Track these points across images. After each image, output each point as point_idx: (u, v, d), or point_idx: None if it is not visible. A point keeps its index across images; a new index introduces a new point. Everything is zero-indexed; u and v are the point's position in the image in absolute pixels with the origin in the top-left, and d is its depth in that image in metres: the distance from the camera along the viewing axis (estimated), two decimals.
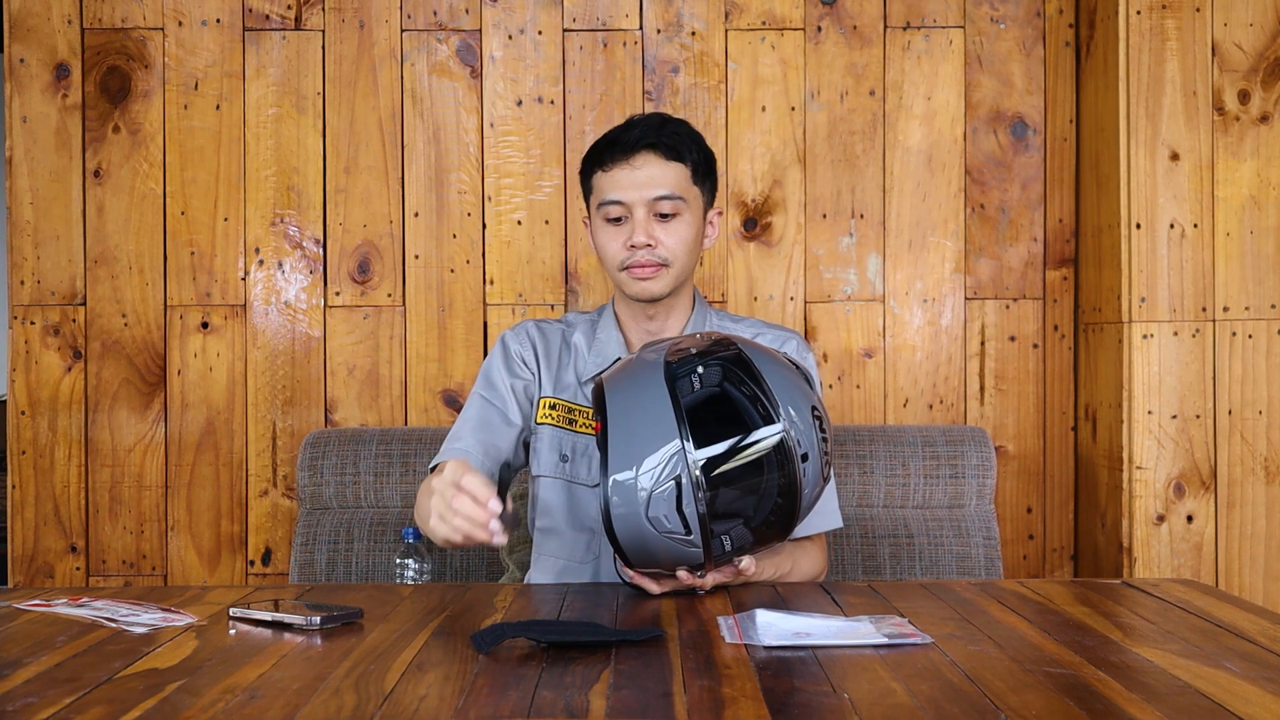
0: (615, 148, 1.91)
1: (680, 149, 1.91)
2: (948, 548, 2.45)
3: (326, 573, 2.44)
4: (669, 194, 1.89)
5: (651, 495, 1.52)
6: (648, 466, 1.53)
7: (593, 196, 1.96)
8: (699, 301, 2.02)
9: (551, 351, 2.00)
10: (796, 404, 1.58)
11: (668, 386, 1.57)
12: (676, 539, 1.54)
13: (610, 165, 1.91)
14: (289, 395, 2.73)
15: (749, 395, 1.57)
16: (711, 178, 1.98)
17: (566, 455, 1.93)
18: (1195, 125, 2.49)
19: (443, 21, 2.74)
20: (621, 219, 1.91)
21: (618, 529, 1.55)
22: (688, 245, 1.92)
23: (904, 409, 2.74)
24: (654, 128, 1.91)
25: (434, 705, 1.15)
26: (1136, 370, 2.48)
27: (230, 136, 2.74)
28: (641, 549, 1.56)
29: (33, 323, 2.72)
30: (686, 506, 1.53)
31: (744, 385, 1.57)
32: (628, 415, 1.57)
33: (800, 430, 1.56)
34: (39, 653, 1.36)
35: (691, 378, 1.58)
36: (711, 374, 1.58)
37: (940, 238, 2.74)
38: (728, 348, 1.62)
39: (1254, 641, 1.39)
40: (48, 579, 2.71)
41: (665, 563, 1.59)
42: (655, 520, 1.53)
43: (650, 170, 1.89)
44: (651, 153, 1.90)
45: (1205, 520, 2.48)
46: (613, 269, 1.93)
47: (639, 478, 1.53)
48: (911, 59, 2.75)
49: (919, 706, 1.14)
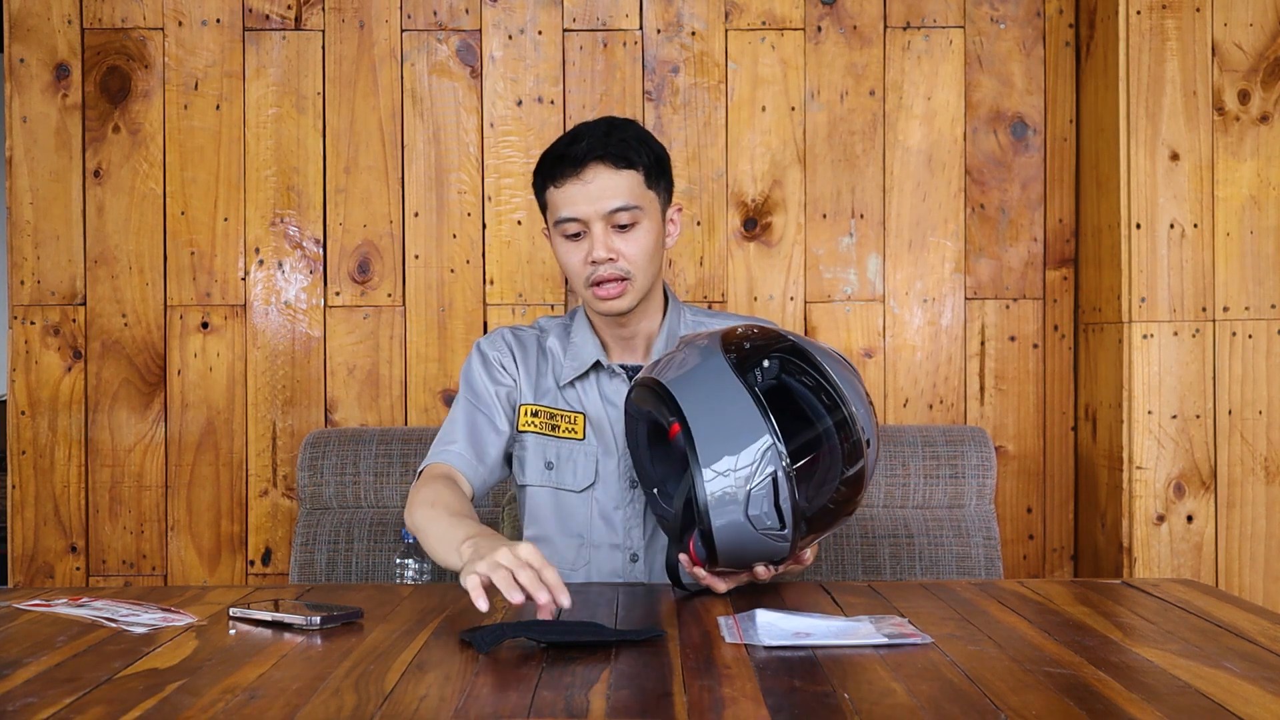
0: (564, 163, 1.85)
1: (630, 155, 1.85)
2: (948, 548, 2.45)
3: (326, 573, 2.44)
4: (624, 204, 1.84)
5: (751, 493, 1.53)
6: (743, 464, 1.53)
7: (549, 212, 1.92)
8: (671, 299, 2.00)
9: (529, 358, 1.99)
10: (855, 390, 1.60)
11: (742, 382, 1.57)
12: (771, 535, 1.55)
13: (561, 181, 1.86)
14: (289, 395, 2.73)
15: (811, 385, 1.58)
16: (666, 177, 1.93)
17: (551, 462, 1.93)
18: (1195, 125, 2.49)
19: (443, 21, 2.74)
20: (580, 234, 1.87)
21: (716, 526, 1.54)
22: (648, 253, 1.88)
23: (904, 409, 2.74)
24: (600, 137, 1.86)
25: (434, 705, 1.15)
26: (1136, 370, 2.48)
27: (230, 136, 2.74)
28: (737, 547, 1.56)
29: (33, 323, 2.72)
30: (783, 501, 1.53)
31: (805, 375, 1.59)
32: (710, 414, 1.56)
33: (863, 416, 1.58)
34: (39, 653, 1.36)
35: (757, 371, 1.58)
36: (773, 366, 1.60)
37: (940, 238, 2.74)
38: (781, 339, 1.64)
39: (1254, 641, 1.39)
40: (48, 579, 2.71)
41: (752, 559, 1.59)
42: (755, 519, 1.54)
43: (602, 182, 1.84)
44: (601, 164, 1.84)
45: (1205, 520, 2.48)
46: (578, 285, 1.90)
47: (735, 475, 1.53)
48: (911, 59, 2.75)
49: (919, 706, 1.14)
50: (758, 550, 1.57)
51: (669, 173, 1.94)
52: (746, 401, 1.56)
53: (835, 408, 1.57)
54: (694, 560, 1.61)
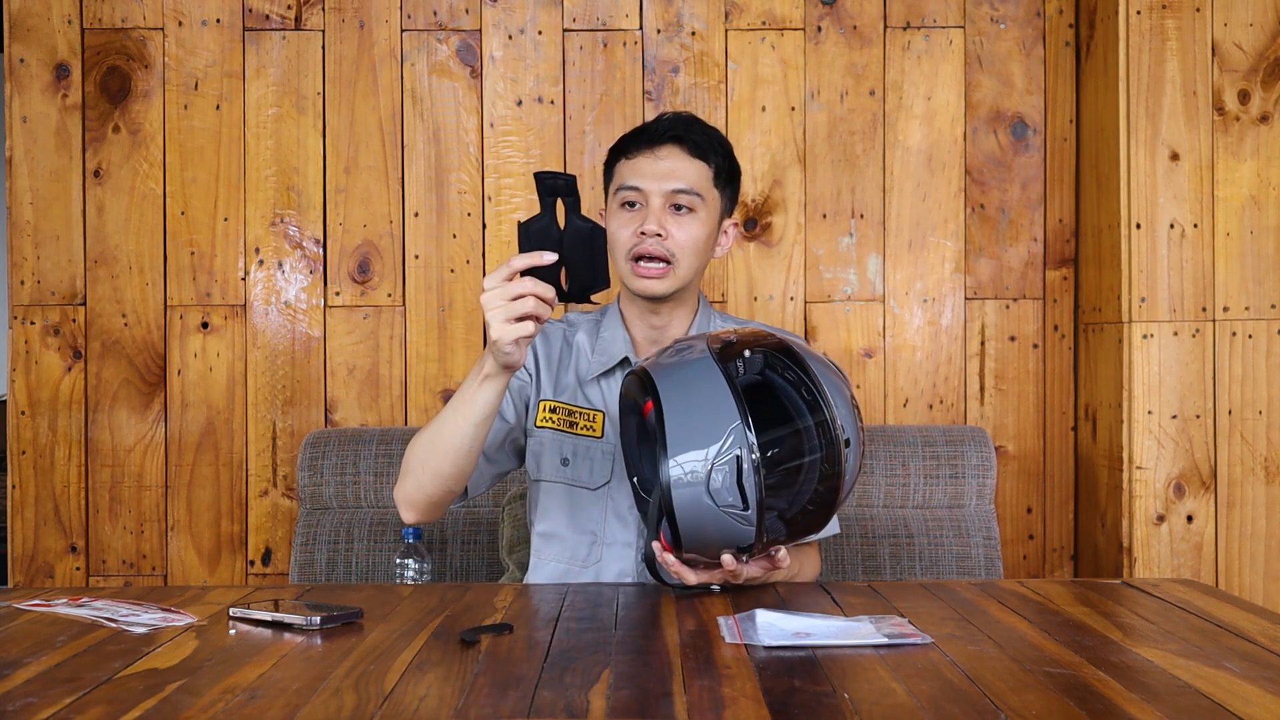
0: (642, 137, 1.93)
1: (706, 149, 1.93)
2: (948, 548, 2.45)
3: (326, 573, 2.43)
4: (687, 188, 1.90)
5: (714, 466, 1.53)
6: (708, 442, 1.53)
7: (612, 184, 1.97)
8: (703, 303, 2.02)
9: (552, 352, 1.99)
10: (838, 391, 1.60)
11: (720, 369, 1.58)
12: (733, 513, 1.54)
13: (634, 153, 1.92)
14: (289, 395, 2.73)
15: (793, 381, 1.58)
16: (733, 186, 1.98)
17: (567, 459, 1.93)
18: (1195, 125, 2.49)
19: (443, 21, 2.74)
20: (636, 204, 1.91)
21: (677, 501, 1.54)
22: (698, 244, 1.91)
23: (904, 409, 2.74)
24: (684, 123, 1.94)
25: (434, 705, 1.15)
26: (1136, 370, 2.48)
27: (230, 136, 2.74)
28: (697, 523, 1.55)
29: (33, 323, 2.72)
30: (746, 480, 1.53)
31: (788, 372, 1.59)
32: (684, 396, 1.57)
33: (844, 415, 1.58)
34: (39, 653, 1.36)
35: (738, 362, 1.59)
36: (756, 360, 1.60)
37: (940, 238, 2.74)
38: (768, 337, 1.65)
39: (1254, 641, 1.39)
40: (48, 579, 2.71)
41: (715, 542, 1.57)
42: (715, 493, 1.53)
43: (673, 162, 1.90)
44: (677, 146, 1.91)
45: (1205, 520, 2.48)
46: (620, 257, 1.92)
47: (701, 454, 1.54)
48: (911, 59, 2.75)
49: (919, 706, 1.14)
50: (719, 530, 1.55)
51: (737, 184, 1.99)
52: (721, 386, 1.56)
53: (816, 407, 1.57)
54: (664, 546, 1.61)
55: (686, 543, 1.58)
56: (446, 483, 1.80)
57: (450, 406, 1.77)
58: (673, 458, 1.54)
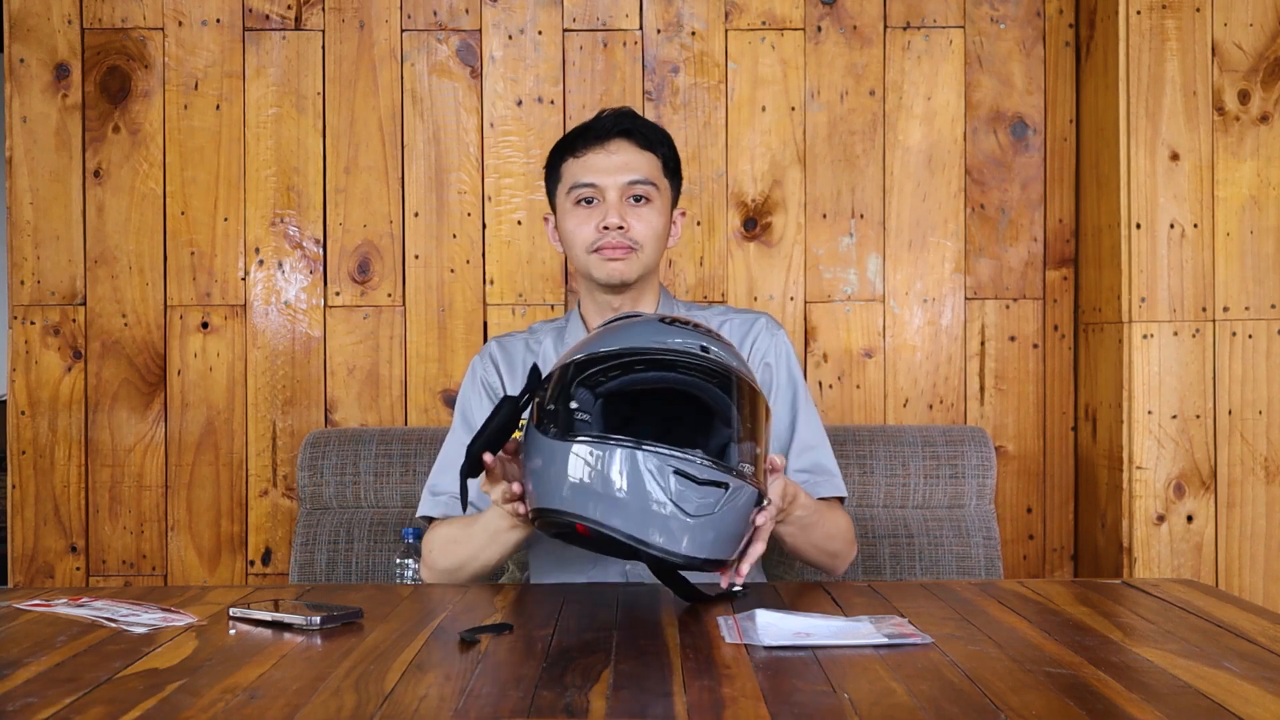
0: (589, 134, 1.94)
1: (654, 140, 1.96)
2: (948, 548, 2.45)
3: (326, 573, 2.44)
4: (643, 179, 1.92)
5: (654, 502, 1.41)
6: (641, 504, 1.40)
7: (560, 184, 1.97)
8: (664, 292, 2.03)
9: (515, 363, 2.02)
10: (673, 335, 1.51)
11: (547, 438, 1.47)
12: (712, 499, 1.43)
13: (583, 151, 1.93)
14: (289, 395, 2.73)
15: (619, 369, 1.49)
16: (678, 176, 2.01)
17: None
18: (1195, 125, 2.49)
19: (443, 21, 2.74)
20: (593, 200, 1.92)
21: (688, 550, 1.42)
22: (657, 233, 1.94)
23: (904, 409, 2.74)
24: (629, 116, 1.97)
25: (434, 705, 1.16)
26: (1136, 370, 2.48)
27: (230, 136, 2.74)
28: (717, 536, 1.44)
29: (33, 323, 2.72)
30: (672, 471, 1.41)
31: (600, 376, 1.49)
32: (602, 507, 1.43)
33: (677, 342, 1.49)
34: (39, 653, 1.36)
35: (547, 424, 1.48)
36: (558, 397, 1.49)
37: (940, 238, 2.74)
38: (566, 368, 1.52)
39: (1254, 641, 1.39)
40: (48, 579, 2.71)
41: (731, 526, 1.46)
42: (684, 504, 1.41)
43: (625, 156, 1.93)
44: (626, 140, 1.94)
45: (1205, 520, 2.48)
46: (581, 252, 1.92)
47: (643, 513, 1.41)
48: (911, 59, 2.75)
49: (919, 706, 1.14)
50: (722, 523, 1.44)
51: (680, 174, 2.02)
52: (558, 449, 1.44)
53: (666, 364, 1.47)
54: (727, 573, 1.52)
55: (722, 551, 1.47)
56: (476, 578, 1.86)
57: (480, 540, 1.77)
58: (640, 543, 1.42)
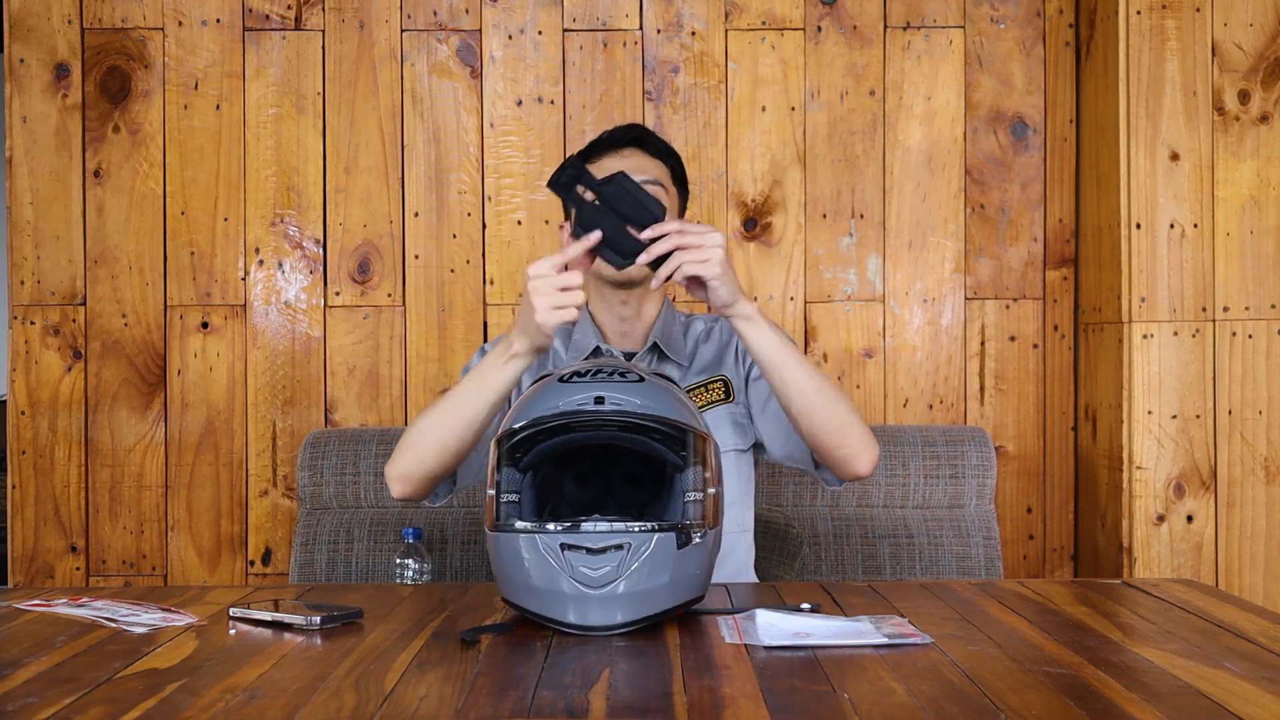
0: (603, 143, 2.05)
1: (663, 150, 2.06)
2: (948, 548, 2.45)
3: (326, 573, 2.44)
4: (653, 179, 1.99)
5: (578, 580, 1.40)
6: (546, 574, 1.42)
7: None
8: (666, 300, 2.10)
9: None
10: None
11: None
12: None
13: (597, 158, 2.02)
14: (289, 395, 2.73)
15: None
16: (685, 190, 2.10)
17: None
18: (1195, 125, 2.49)
19: (443, 21, 2.74)
20: None
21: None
22: None
23: (904, 409, 2.74)
24: (639, 128, 2.08)
25: (434, 705, 1.16)
26: (1136, 370, 2.48)
27: (230, 136, 2.74)
28: (644, 593, 1.43)
29: (33, 323, 2.72)
30: (576, 541, 1.42)
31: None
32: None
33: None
34: (39, 653, 1.36)
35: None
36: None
37: (940, 238, 2.74)
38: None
39: (1254, 641, 1.39)
40: (48, 579, 2.71)
41: (663, 575, 1.44)
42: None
43: (637, 160, 2.01)
44: (639, 149, 2.04)
45: (1205, 520, 2.48)
46: None
47: None
48: (911, 59, 2.75)
49: (919, 706, 1.14)
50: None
51: (686, 187, 2.12)
52: (493, 540, 1.49)
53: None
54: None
55: (663, 602, 1.44)
56: (447, 457, 1.84)
57: (468, 383, 1.82)
58: (583, 629, 1.42)
